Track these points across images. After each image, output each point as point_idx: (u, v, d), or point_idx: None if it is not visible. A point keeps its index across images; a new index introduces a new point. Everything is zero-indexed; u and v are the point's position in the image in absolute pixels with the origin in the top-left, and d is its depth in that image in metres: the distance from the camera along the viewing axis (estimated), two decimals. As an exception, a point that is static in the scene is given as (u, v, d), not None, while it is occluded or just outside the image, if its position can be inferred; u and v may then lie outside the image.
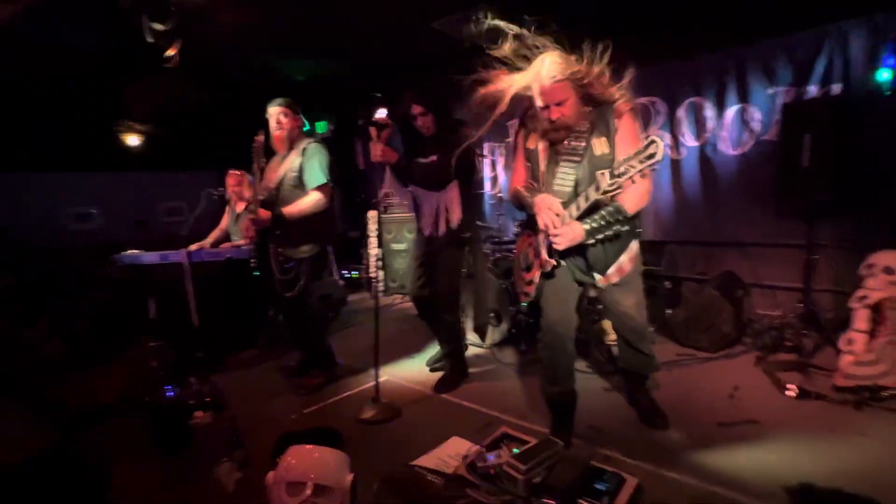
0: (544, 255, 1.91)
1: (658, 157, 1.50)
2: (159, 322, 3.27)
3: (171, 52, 3.00)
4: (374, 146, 2.47)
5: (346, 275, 5.58)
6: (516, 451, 1.65)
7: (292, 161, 2.68)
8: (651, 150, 1.51)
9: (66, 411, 2.58)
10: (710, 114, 3.74)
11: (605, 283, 1.96)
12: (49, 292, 4.09)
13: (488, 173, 5.27)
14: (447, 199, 2.59)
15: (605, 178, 1.62)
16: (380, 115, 4.48)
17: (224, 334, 3.41)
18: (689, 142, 3.88)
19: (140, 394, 2.48)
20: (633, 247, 1.96)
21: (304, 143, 2.72)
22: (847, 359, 2.44)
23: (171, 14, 2.73)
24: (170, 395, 2.34)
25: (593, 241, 1.83)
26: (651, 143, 1.51)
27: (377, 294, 2.48)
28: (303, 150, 2.68)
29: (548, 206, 1.81)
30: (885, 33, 2.96)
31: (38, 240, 4.92)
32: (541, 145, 1.94)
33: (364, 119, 2.67)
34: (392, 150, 2.56)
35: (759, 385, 2.65)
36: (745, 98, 3.57)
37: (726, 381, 2.70)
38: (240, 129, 2.92)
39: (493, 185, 5.23)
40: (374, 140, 2.47)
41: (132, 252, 3.28)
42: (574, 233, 1.78)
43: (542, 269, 1.95)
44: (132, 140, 5.70)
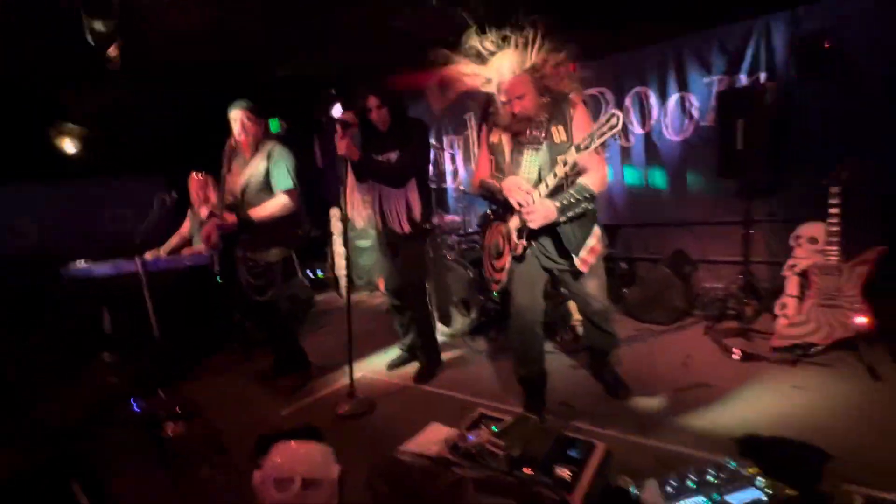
0: (514, 238, 1.99)
1: (618, 127, 1.63)
2: (116, 336, 3.13)
3: (113, 53, 2.86)
4: (340, 142, 2.48)
5: (311, 276, 5.50)
6: (495, 428, 1.73)
7: (258, 165, 2.63)
8: (613, 121, 1.63)
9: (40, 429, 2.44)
10: (654, 102, 3.95)
11: (584, 267, 1.99)
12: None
13: (449, 167, 5.33)
14: (408, 193, 2.64)
15: (571, 153, 1.74)
16: (337, 111, 4.43)
17: (188, 342, 3.31)
18: (637, 129, 4.09)
19: (103, 411, 2.39)
20: (597, 230, 2.06)
21: (269, 145, 2.67)
22: (782, 322, 2.71)
23: (112, 13, 2.60)
24: (136, 409, 2.28)
25: (564, 218, 1.89)
26: (612, 116, 1.63)
27: (349, 291, 2.51)
28: (268, 154, 2.63)
29: (518, 187, 1.88)
30: (801, 25, 3.24)
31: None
32: (504, 138, 2.02)
33: (325, 116, 2.66)
34: (355, 148, 2.57)
35: (708, 351, 2.89)
36: (684, 87, 3.79)
37: (680, 350, 2.92)
38: (184, 131, 2.82)
39: (454, 179, 5.30)
40: (340, 136, 2.48)
41: (81, 264, 3.10)
42: (547, 209, 1.84)
43: (513, 253, 2.02)
44: (68, 146, 5.33)
